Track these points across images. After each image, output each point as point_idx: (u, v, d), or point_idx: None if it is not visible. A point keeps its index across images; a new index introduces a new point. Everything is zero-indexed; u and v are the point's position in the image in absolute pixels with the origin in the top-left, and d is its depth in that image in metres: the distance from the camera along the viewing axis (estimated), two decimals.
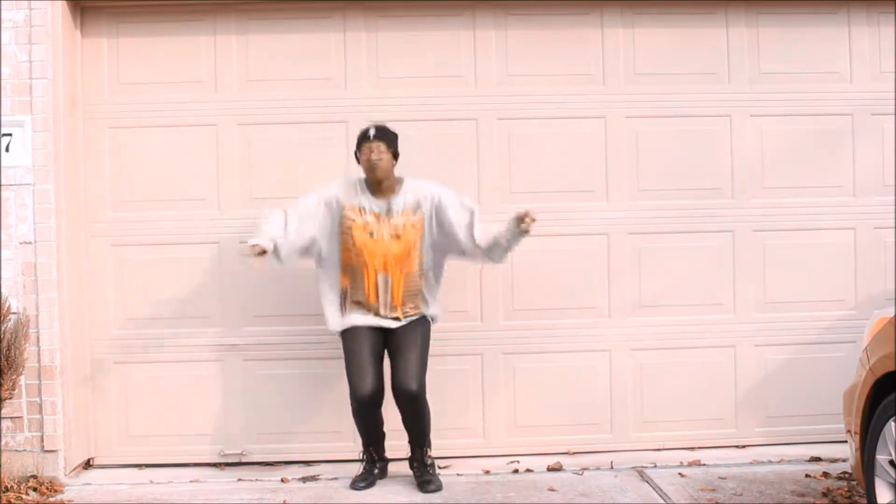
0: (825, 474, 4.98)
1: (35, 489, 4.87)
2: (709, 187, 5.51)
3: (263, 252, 4.70)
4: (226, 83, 5.40)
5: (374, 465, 4.95)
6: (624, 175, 5.49)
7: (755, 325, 5.53)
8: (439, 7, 5.43)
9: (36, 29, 5.00)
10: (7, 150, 5.00)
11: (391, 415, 4.93)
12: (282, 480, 5.09)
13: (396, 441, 4.99)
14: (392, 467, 5.06)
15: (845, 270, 5.54)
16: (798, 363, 5.52)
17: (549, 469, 5.19)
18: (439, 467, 5.04)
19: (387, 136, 4.81)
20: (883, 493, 3.83)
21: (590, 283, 5.49)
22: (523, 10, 5.46)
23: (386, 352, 4.87)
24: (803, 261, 5.52)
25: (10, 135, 5.01)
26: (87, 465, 5.36)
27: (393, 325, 4.80)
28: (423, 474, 4.87)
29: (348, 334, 4.84)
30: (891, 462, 3.77)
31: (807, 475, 4.97)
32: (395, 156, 4.84)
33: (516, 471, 5.19)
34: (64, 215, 5.10)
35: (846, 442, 4.19)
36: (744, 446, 5.49)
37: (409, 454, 4.95)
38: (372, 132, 4.79)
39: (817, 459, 5.22)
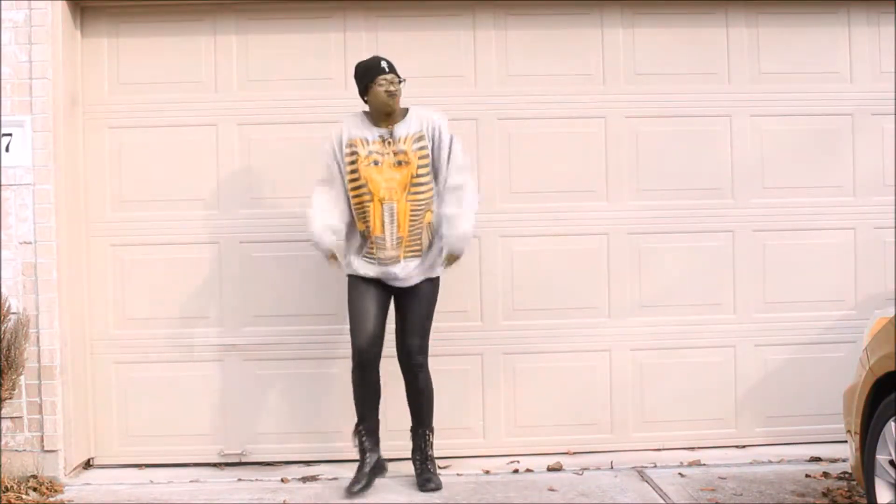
0: (825, 474, 4.98)
1: (35, 489, 4.87)
2: (709, 187, 5.51)
3: (335, 256, 4.80)
4: (226, 83, 5.40)
5: (364, 462, 4.85)
6: (624, 175, 5.49)
7: (755, 325, 5.53)
8: (439, 7, 5.43)
9: (36, 29, 5.00)
10: (7, 150, 5.00)
11: (393, 415, 4.93)
12: (282, 480, 5.09)
13: (397, 441, 5.00)
14: (392, 467, 5.05)
15: (845, 270, 5.54)
16: (798, 363, 5.51)
17: (549, 469, 5.19)
18: (439, 467, 5.03)
19: (396, 69, 4.79)
20: (883, 493, 3.83)
21: (590, 283, 5.49)
22: (523, 10, 5.46)
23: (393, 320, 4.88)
24: (803, 261, 5.52)
25: (10, 135, 5.01)
26: (87, 465, 5.36)
27: (400, 273, 4.74)
28: (424, 471, 4.87)
29: (354, 284, 4.81)
30: (891, 462, 3.77)
31: (807, 475, 4.97)
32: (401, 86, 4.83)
33: (516, 471, 5.19)
34: (64, 215, 5.10)
35: (846, 442, 4.19)
36: (744, 446, 5.49)
37: (412, 443, 4.92)
38: (384, 64, 4.75)
39: (817, 459, 5.22)
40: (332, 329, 5.36)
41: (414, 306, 4.81)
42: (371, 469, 4.86)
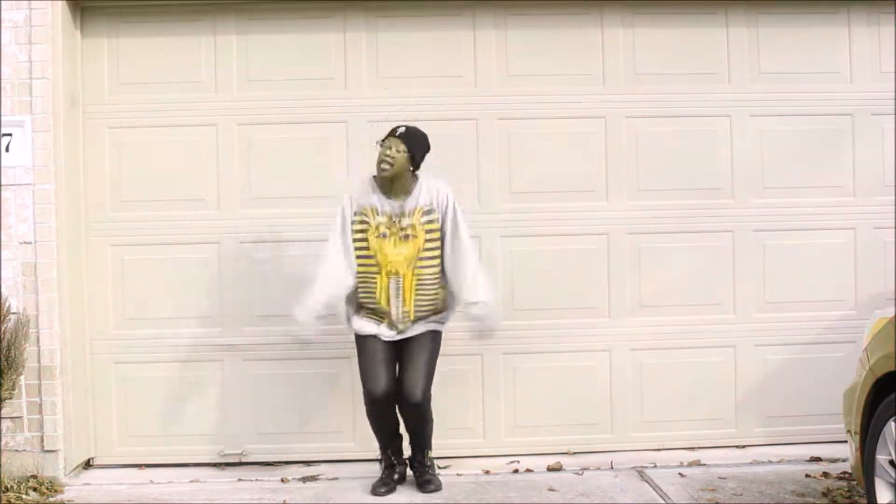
0: (825, 474, 4.98)
1: (35, 489, 4.87)
2: (709, 187, 5.51)
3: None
4: (226, 83, 5.40)
5: (393, 470, 4.89)
6: (624, 175, 5.49)
7: (755, 325, 5.53)
8: (439, 7, 5.43)
9: (36, 29, 5.00)
10: (7, 150, 5.00)
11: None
12: (282, 480, 5.09)
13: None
14: None
15: (845, 270, 5.54)
16: (798, 363, 5.51)
17: (549, 469, 5.19)
18: (439, 467, 5.03)
19: (410, 139, 4.66)
20: (883, 493, 3.83)
21: (590, 283, 5.48)
22: (523, 10, 5.46)
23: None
24: (803, 261, 5.52)
25: (10, 135, 5.01)
26: (87, 465, 5.36)
27: (405, 335, 4.75)
28: (423, 474, 4.87)
29: (363, 339, 4.80)
30: (891, 462, 3.77)
31: (807, 475, 4.97)
32: (413, 160, 4.69)
33: (516, 471, 5.19)
34: (64, 215, 5.10)
35: (846, 442, 4.19)
36: (744, 446, 5.49)
37: (411, 452, 4.93)
38: (400, 130, 4.68)
39: (817, 459, 5.22)
40: (332, 329, 5.34)
41: (417, 354, 4.75)
42: (399, 475, 4.89)
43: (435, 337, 4.82)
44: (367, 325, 4.78)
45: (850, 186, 5.55)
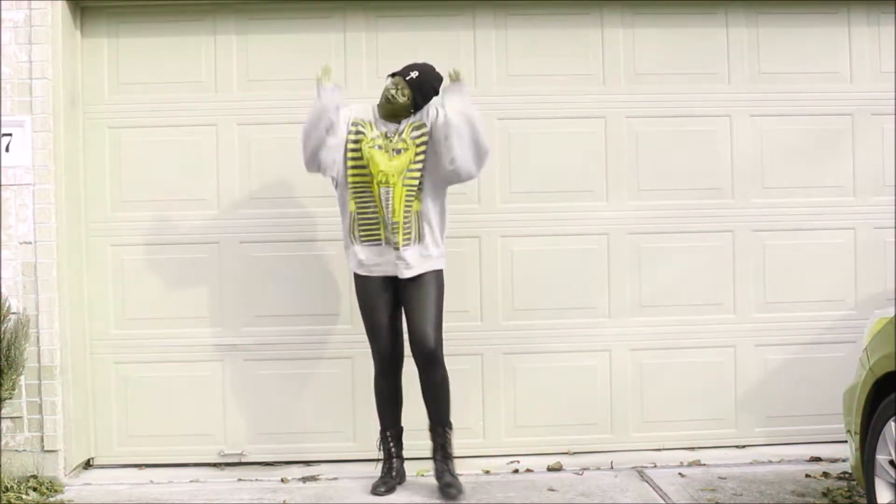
0: (825, 474, 4.98)
1: (35, 489, 4.87)
2: (709, 187, 5.51)
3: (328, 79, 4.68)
4: (226, 83, 5.40)
5: (391, 466, 4.87)
6: (624, 175, 5.49)
7: (755, 325, 5.53)
8: (439, 7, 5.43)
9: (36, 29, 5.00)
10: (7, 150, 5.01)
11: (404, 411, 4.92)
12: (282, 480, 5.09)
13: (407, 441, 4.98)
14: None
15: (845, 270, 5.54)
16: (798, 363, 5.52)
17: (549, 469, 5.19)
18: None
19: (417, 89, 4.72)
20: (883, 493, 3.83)
21: (590, 283, 5.49)
22: (523, 10, 5.46)
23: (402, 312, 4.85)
24: (803, 261, 5.52)
25: (10, 135, 5.01)
26: (87, 465, 5.37)
27: (401, 257, 4.71)
28: (445, 474, 4.77)
29: (361, 290, 4.80)
30: (891, 462, 3.77)
31: (807, 475, 4.97)
32: (415, 105, 4.75)
33: (516, 471, 5.19)
34: (64, 215, 5.10)
35: (846, 442, 4.19)
36: (744, 446, 5.49)
37: (432, 442, 4.83)
38: (412, 74, 4.74)
39: (817, 459, 5.22)
40: (332, 329, 5.36)
41: (421, 296, 4.73)
42: (396, 473, 4.88)
43: (437, 276, 4.80)
44: (366, 256, 4.74)
45: (850, 186, 5.55)
